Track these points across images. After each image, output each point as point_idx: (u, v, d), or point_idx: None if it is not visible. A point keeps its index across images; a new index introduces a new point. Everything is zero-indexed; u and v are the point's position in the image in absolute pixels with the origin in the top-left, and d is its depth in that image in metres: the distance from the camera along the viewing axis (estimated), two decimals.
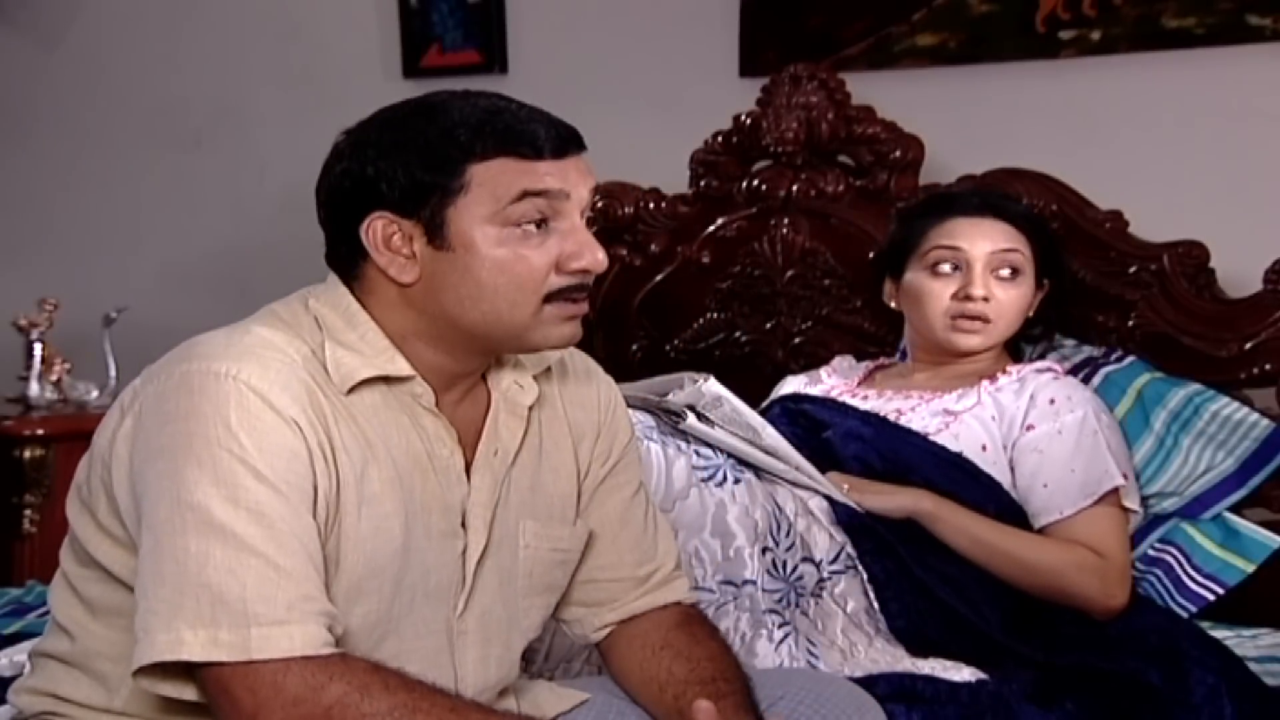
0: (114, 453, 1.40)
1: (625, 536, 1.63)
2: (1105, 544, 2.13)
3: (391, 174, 1.41)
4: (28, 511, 3.10)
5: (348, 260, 1.47)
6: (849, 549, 2.09)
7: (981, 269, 2.27)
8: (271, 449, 1.35)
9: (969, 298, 2.26)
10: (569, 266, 1.44)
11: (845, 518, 2.11)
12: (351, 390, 1.43)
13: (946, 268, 2.29)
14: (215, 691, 1.31)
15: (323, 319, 1.45)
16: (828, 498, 2.13)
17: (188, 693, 1.34)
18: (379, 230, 1.42)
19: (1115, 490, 2.16)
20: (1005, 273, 2.28)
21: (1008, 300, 2.28)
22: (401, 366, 1.45)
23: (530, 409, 1.55)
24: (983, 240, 2.28)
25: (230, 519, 1.31)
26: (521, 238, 1.42)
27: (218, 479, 1.32)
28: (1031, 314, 2.33)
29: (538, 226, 1.42)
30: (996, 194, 2.40)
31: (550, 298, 1.44)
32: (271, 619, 1.30)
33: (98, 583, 1.44)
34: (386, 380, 1.45)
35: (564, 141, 1.44)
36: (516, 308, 1.43)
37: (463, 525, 1.49)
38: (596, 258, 1.44)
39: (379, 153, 1.42)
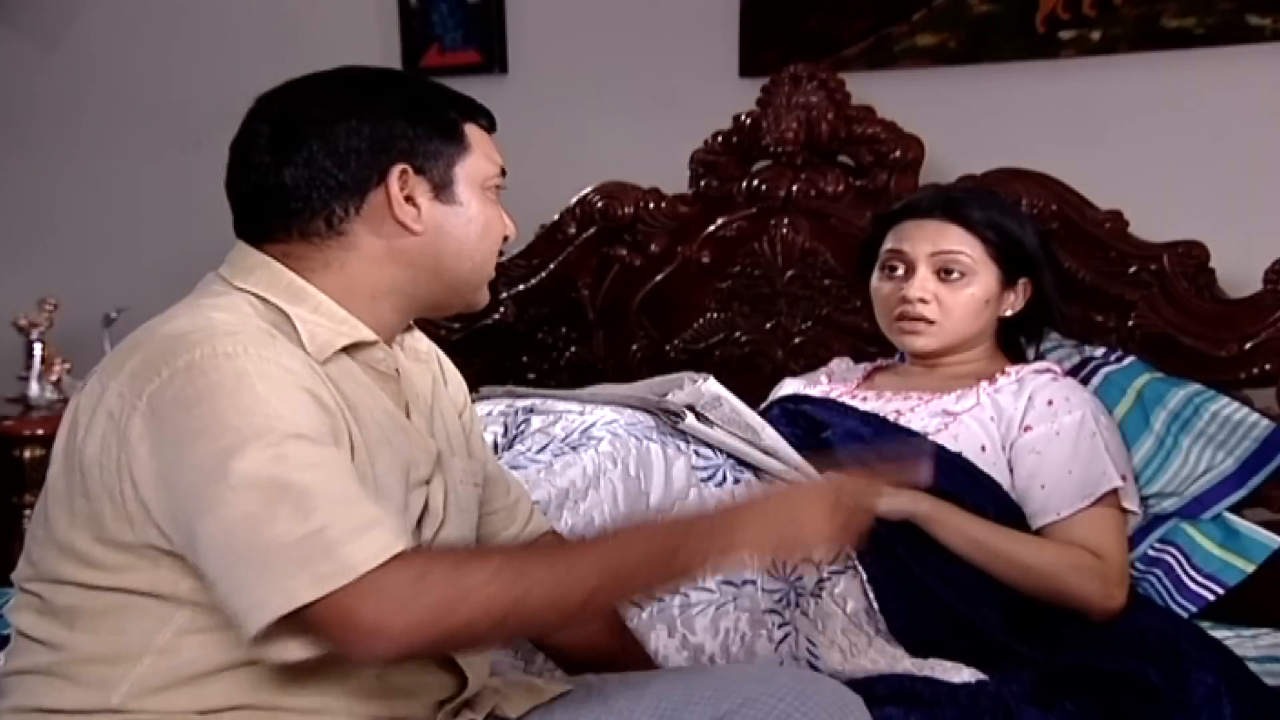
0: (132, 456, 1.37)
1: (491, 467, 1.74)
2: (1103, 545, 2.13)
3: (413, 131, 1.50)
4: (28, 511, 3.10)
5: (324, 218, 1.48)
6: (848, 549, 2.09)
7: (925, 270, 2.27)
8: (301, 408, 1.36)
9: (905, 299, 2.27)
10: (502, 233, 1.59)
11: None
12: (325, 361, 1.45)
13: (894, 270, 2.31)
14: (327, 625, 1.29)
15: (267, 296, 1.47)
16: None
17: (293, 650, 1.32)
18: (396, 183, 1.49)
19: (1114, 492, 2.16)
20: (949, 274, 2.27)
21: (953, 301, 2.27)
22: (366, 333, 1.50)
23: (428, 352, 1.65)
24: (924, 242, 2.28)
25: (283, 473, 1.31)
26: (491, 202, 1.57)
27: (262, 442, 1.32)
28: (1011, 313, 2.32)
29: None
30: (956, 195, 2.37)
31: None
32: (352, 537, 1.29)
33: (78, 593, 1.42)
34: (348, 348, 1.48)
35: (492, 119, 1.59)
36: (486, 263, 1.57)
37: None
38: (515, 229, 1.61)
39: (393, 111, 1.50)
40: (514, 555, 1.39)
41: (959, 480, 2.18)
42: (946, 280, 2.27)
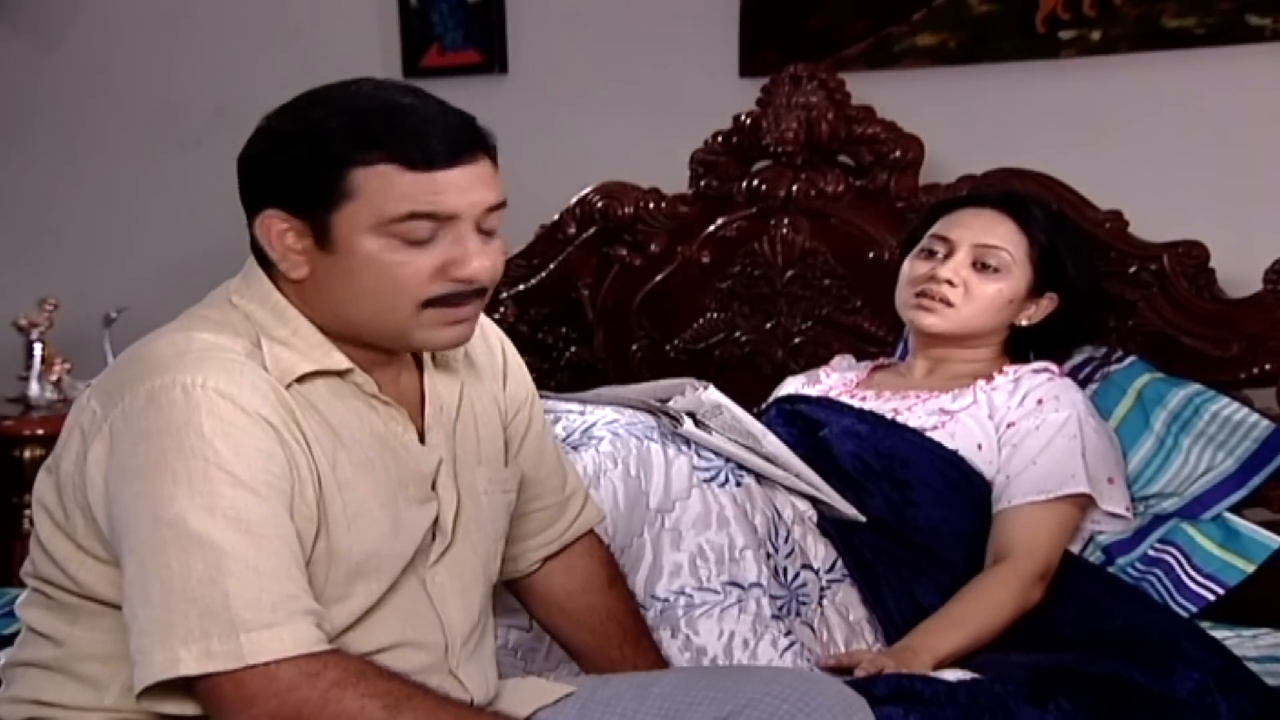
0: (88, 478, 1.39)
1: (545, 465, 1.72)
2: (1031, 542, 2.12)
3: (285, 169, 1.42)
4: (28, 511, 3.09)
5: (252, 249, 1.48)
6: (844, 558, 2.09)
7: (963, 256, 2.28)
8: (247, 452, 1.36)
9: (934, 278, 2.28)
10: (451, 274, 1.43)
11: (835, 530, 2.11)
12: (299, 381, 1.44)
13: (933, 253, 2.31)
14: (209, 693, 1.33)
15: (251, 316, 1.46)
16: (820, 508, 2.13)
17: (189, 708, 1.36)
18: (272, 225, 1.43)
19: (1077, 496, 2.17)
20: (985, 266, 2.28)
21: (980, 291, 2.28)
22: (338, 360, 1.47)
23: (465, 358, 1.61)
24: (972, 230, 2.30)
25: (207, 528, 1.32)
26: (404, 246, 1.41)
27: (193, 489, 1.33)
28: (1027, 323, 2.33)
29: (421, 241, 1.42)
30: (1022, 195, 2.39)
31: (430, 303, 1.44)
32: (259, 623, 1.32)
33: (76, 594, 1.44)
34: (327, 373, 1.47)
35: (458, 148, 1.41)
36: (392, 312, 1.44)
37: (433, 488, 1.53)
38: (482, 266, 1.43)
39: (276, 144, 1.43)
40: (411, 689, 1.36)
41: (953, 477, 2.19)
42: (981, 272, 2.28)
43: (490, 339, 1.68)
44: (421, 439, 1.54)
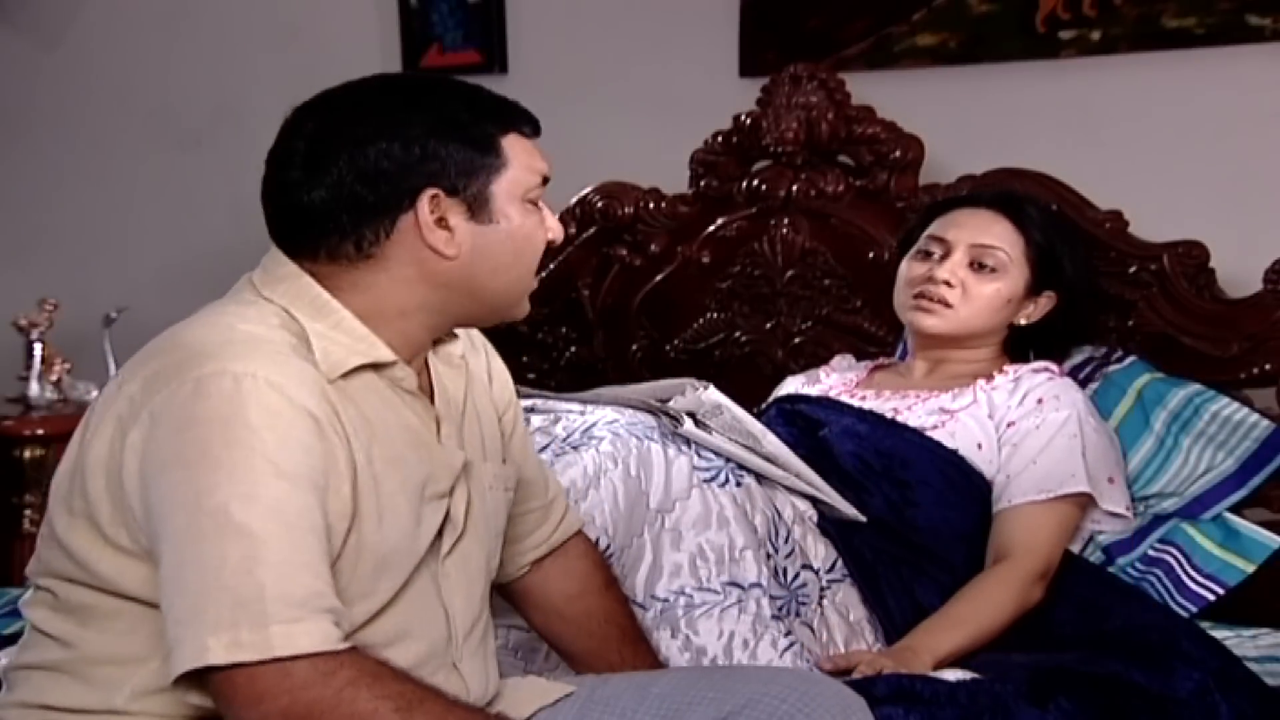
0: (124, 465, 1.38)
1: (530, 467, 1.74)
2: (1032, 541, 2.12)
3: (444, 152, 1.46)
4: (28, 511, 3.09)
5: (353, 241, 1.46)
6: (844, 558, 2.09)
7: (960, 256, 2.29)
8: (291, 444, 1.35)
9: (932, 279, 2.28)
10: (547, 238, 1.55)
11: (835, 530, 2.11)
12: (342, 376, 1.44)
13: (929, 254, 2.31)
14: (220, 686, 1.32)
15: (290, 309, 1.46)
16: (821, 508, 2.13)
17: (192, 698, 1.35)
18: (426, 207, 1.46)
19: (1078, 495, 2.17)
20: (982, 267, 2.28)
21: (977, 292, 2.28)
22: (384, 352, 1.48)
23: (462, 357, 1.63)
24: (969, 230, 2.30)
25: (247, 517, 1.32)
26: (534, 211, 1.53)
27: (235, 477, 1.32)
28: (1026, 322, 2.33)
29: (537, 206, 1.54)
30: (1017, 193, 2.39)
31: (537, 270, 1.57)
32: (288, 616, 1.31)
33: (90, 593, 1.43)
34: (369, 366, 1.47)
35: (533, 120, 1.55)
36: (526, 278, 1.55)
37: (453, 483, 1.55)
38: (560, 230, 1.57)
39: (425, 130, 1.46)
40: (423, 691, 1.37)
41: (953, 477, 2.19)
42: (978, 272, 2.28)
43: (474, 339, 1.69)
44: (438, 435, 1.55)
